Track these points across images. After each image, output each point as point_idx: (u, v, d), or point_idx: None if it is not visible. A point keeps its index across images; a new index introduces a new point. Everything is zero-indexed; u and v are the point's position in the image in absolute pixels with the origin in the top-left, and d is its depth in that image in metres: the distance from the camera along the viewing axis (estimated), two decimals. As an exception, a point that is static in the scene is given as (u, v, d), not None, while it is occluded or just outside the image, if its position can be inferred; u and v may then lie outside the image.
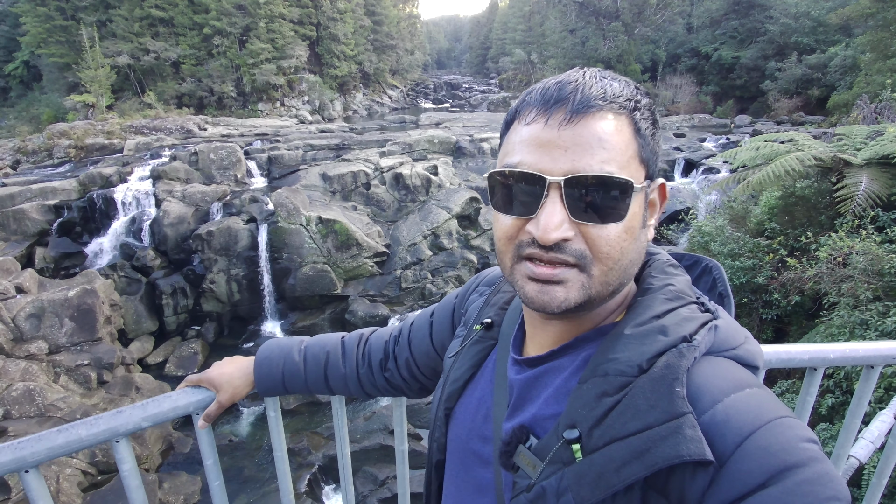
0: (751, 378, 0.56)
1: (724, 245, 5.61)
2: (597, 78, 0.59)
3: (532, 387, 0.66)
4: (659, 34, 32.03)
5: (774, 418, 0.49)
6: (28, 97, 32.53)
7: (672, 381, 0.52)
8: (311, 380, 1.05)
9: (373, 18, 40.46)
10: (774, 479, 0.45)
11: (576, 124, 0.55)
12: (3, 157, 16.90)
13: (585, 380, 0.58)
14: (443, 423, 0.79)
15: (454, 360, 0.81)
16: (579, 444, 0.54)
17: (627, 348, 0.56)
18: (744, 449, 0.48)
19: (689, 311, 0.59)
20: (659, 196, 0.63)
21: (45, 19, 25.71)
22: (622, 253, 0.57)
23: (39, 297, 8.75)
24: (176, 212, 12.28)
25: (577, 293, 0.57)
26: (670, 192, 11.80)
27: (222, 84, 27.58)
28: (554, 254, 0.57)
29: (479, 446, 0.72)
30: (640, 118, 0.57)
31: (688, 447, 0.48)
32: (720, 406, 0.51)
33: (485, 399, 0.74)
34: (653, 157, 0.60)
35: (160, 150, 15.82)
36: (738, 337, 0.60)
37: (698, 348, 0.55)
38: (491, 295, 0.85)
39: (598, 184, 0.54)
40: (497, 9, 62.98)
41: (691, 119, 24.15)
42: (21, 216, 12.03)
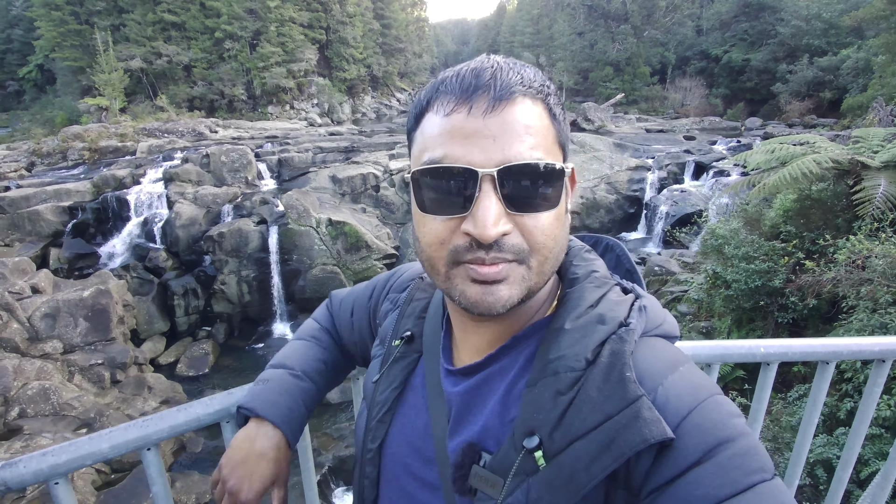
0: (680, 355, 0.57)
1: (739, 248, 5.56)
2: (510, 64, 0.55)
3: (474, 397, 0.62)
4: (668, 37, 31.94)
5: (707, 397, 0.51)
6: (42, 100, 33.04)
7: (621, 367, 0.52)
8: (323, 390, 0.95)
9: (381, 22, 40.70)
10: (709, 454, 0.47)
11: (501, 111, 0.51)
12: (18, 159, 17.15)
13: (534, 382, 0.55)
14: (375, 454, 0.71)
15: (377, 385, 0.74)
16: (541, 450, 0.52)
17: (571, 343, 0.54)
18: (682, 427, 0.49)
19: (616, 295, 0.59)
20: (570, 181, 0.59)
21: (60, 23, 26.13)
22: (555, 241, 0.55)
23: (54, 297, 8.86)
24: (188, 213, 12.40)
25: (518, 288, 0.54)
26: (681, 195, 11.74)
27: (233, 87, 27.85)
28: (495, 253, 0.53)
29: (422, 469, 0.65)
30: (553, 103, 0.56)
31: (650, 429, 0.48)
32: (661, 388, 0.52)
33: (420, 416, 0.68)
34: (566, 140, 0.58)
35: (172, 152, 15.99)
36: (661, 313, 0.62)
37: (636, 331, 0.55)
38: (405, 306, 0.79)
39: (532, 172, 0.52)
40: (505, 12, 63.07)
41: (701, 122, 24.03)
42: (36, 217, 12.20)
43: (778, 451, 3.73)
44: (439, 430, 0.64)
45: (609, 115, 22.84)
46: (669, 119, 25.99)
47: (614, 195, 15.65)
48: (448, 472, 0.60)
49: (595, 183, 16.00)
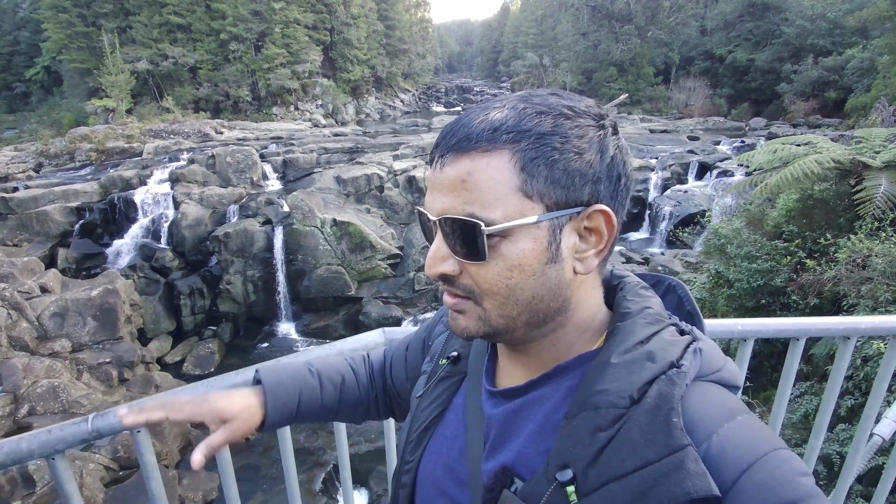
0: (739, 404, 0.55)
1: (742, 247, 5.60)
2: (486, 111, 0.56)
3: (512, 421, 0.62)
4: (672, 37, 31.89)
5: (769, 451, 0.48)
6: (49, 102, 33.33)
7: (668, 411, 0.50)
8: (325, 406, 0.91)
9: (385, 23, 40.82)
10: None
11: (447, 167, 0.55)
12: (26, 160, 17.34)
13: (574, 414, 0.54)
14: (413, 468, 0.72)
15: (420, 401, 0.76)
16: (573, 485, 0.51)
17: (616, 378, 0.53)
18: (741, 485, 0.46)
19: (671, 335, 0.57)
20: (605, 224, 0.56)
21: (67, 25, 26.37)
22: (510, 289, 0.55)
23: (63, 297, 8.98)
24: (194, 214, 12.51)
25: (475, 323, 0.58)
26: (684, 195, 11.73)
27: (238, 88, 28.02)
28: (449, 287, 0.59)
29: (455, 490, 0.66)
30: (526, 148, 0.52)
31: (693, 483, 0.46)
32: (715, 438, 0.49)
33: (458, 437, 0.68)
34: (556, 187, 0.53)
35: (178, 153, 16.11)
36: (720, 359, 0.59)
37: (688, 374, 0.53)
38: None
39: (455, 225, 0.54)
40: (508, 13, 63.15)
41: (705, 122, 23.98)
42: (44, 218, 12.34)
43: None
44: (475, 451, 0.64)
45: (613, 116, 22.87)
46: (673, 119, 25.97)
47: (618, 195, 15.67)
48: (480, 492, 0.60)
49: (598, 183, 16.03)
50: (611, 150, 0.56)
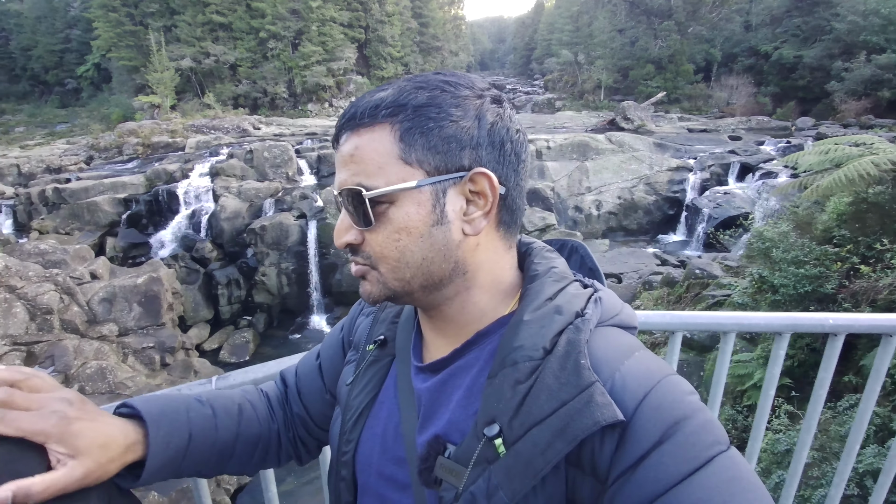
0: (635, 342, 0.60)
1: (788, 252, 5.38)
2: (374, 93, 0.60)
3: (441, 392, 0.64)
4: (714, 33, 30.82)
5: (661, 378, 0.53)
6: (98, 98, 34.96)
7: (577, 355, 0.54)
8: (219, 443, 0.74)
9: (419, 21, 40.99)
10: (668, 432, 0.49)
11: (341, 145, 0.60)
12: (78, 153, 18.25)
13: (495, 373, 0.57)
14: (350, 458, 0.71)
15: (351, 389, 0.75)
16: (501, 438, 0.54)
17: (530, 333, 0.57)
18: (640, 410, 0.51)
19: (575, 289, 0.62)
20: (489, 186, 0.59)
21: (116, 24, 27.56)
22: (401, 252, 0.59)
23: (111, 283, 9.41)
24: (232, 207, 12.90)
25: (376, 287, 0.62)
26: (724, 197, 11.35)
27: (275, 85, 28.70)
28: (353, 256, 0.63)
29: (394, 470, 0.67)
30: (402, 119, 0.57)
31: (602, 413, 0.50)
32: (618, 374, 0.53)
33: (392, 417, 0.69)
34: (434, 153, 0.57)
35: (218, 148, 16.65)
36: (617, 305, 0.64)
37: (591, 320, 0.58)
38: (378, 312, 0.81)
39: (348, 195, 0.59)
40: (543, 9, 62.34)
41: (748, 121, 23.13)
42: (94, 208, 12.98)
43: (825, 461, 3.62)
44: (409, 427, 0.66)
45: (649, 115, 22.28)
46: (713, 118, 25.13)
47: (653, 196, 15.30)
48: (415, 464, 0.62)
49: (633, 183, 15.69)
50: (489, 118, 0.59)
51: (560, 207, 15.12)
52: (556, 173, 15.85)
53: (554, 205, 14.95)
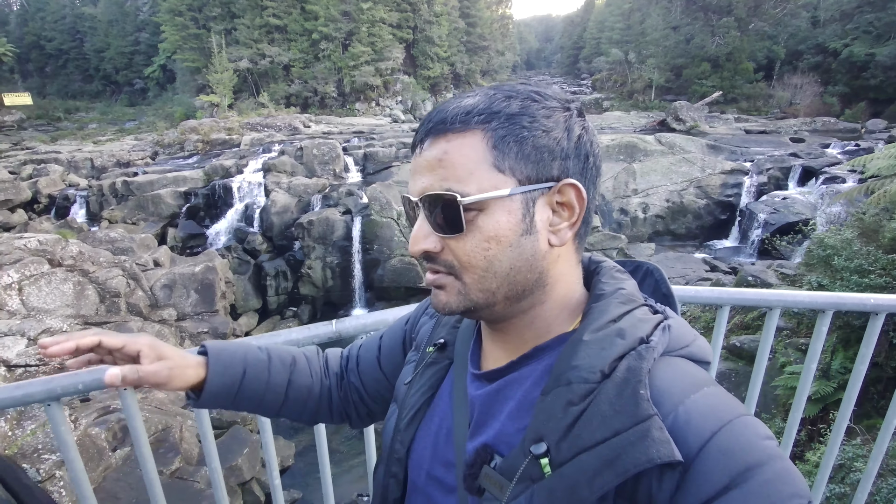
0: (706, 376, 0.57)
1: (851, 260, 5.08)
2: (460, 99, 0.61)
3: (493, 402, 0.64)
4: (778, 29, 29.17)
5: (733, 418, 0.50)
6: (163, 97, 37.16)
7: (636, 384, 0.52)
8: (272, 386, 0.86)
9: (467, 20, 41.07)
10: (737, 479, 0.46)
11: (425, 150, 0.59)
12: (145, 148, 19.51)
13: (549, 391, 0.56)
14: (403, 456, 0.73)
15: (409, 388, 0.77)
16: (547, 458, 0.53)
17: (588, 354, 0.56)
18: (707, 451, 0.48)
19: (643, 314, 0.60)
20: (576, 198, 0.60)
21: (181, 28, 29.24)
22: (489, 261, 0.58)
23: (172, 271, 10.05)
24: (282, 202, 13.44)
25: (455, 298, 0.61)
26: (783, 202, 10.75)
27: (325, 85, 29.60)
28: (431, 264, 0.62)
29: (443, 473, 0.68)
30: (496, 127, 0.57)
31: (658, 450, 0.47)
32: (682, 408, 0.50)
33: (445, 421, 0.70)
34: (527, 162, 0.58)
35: (271, 145, 17.35)
36: (689, 335, 0.61)
37: (656, 349, 0.55)
38: (441, 316, 0.82)
39: (435, 200, 0.58)
40: (593, 7, 60.94)
41: (812, 123, 21.77)
42: (158, 200, 13.86)
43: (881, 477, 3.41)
44: (460, 432, 0.66)
45: (703, 115, 21.39)
46: (774, 119, 23.82)
47: (704, 200, 14.71)
48: (462, 469, 0.63)
49: (683, 186, 15.14)
50: (577, 130, 0.60)
51: (605, 210, 14.80)
52: (602, 175, 15.51)
53: (598, 207, 14.65)
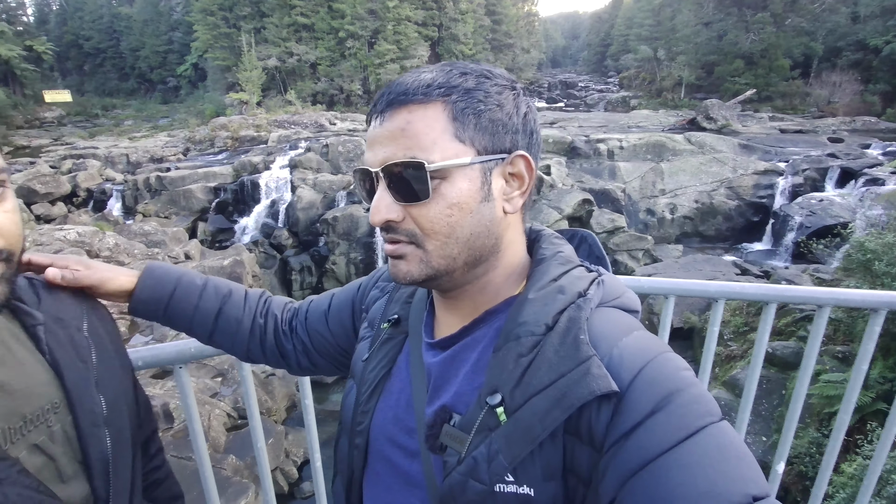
0: (636, 322, 0.63)
1: (893, 265, 4.88)
2: (417, 73, 0.63)
3: (449, 366, 0.68)
4: (815, 25, 28.11)
5: (657, 354, 0.56)
6: (194, 95, 38.16)
7: (576, 331, 0.57)
8: (201, 310, 0.93)
9: (492, 18, 40.87)
10: (661, 404, 0.51)
11: (385, 121, 0.61)
12: (177, 145, 20.06)
13: (500, 347, 0.61)
14: (366, 428, 0.76)
15: (366, 364, 0.79)
16: (502, 406, 0.57)
17: (533, 311, 0.60)
18: (635, 383, 0.53)
19: (580, 272, 0.65)
20: (526, 168, 0.64)
21: (213, 27, 29.95)
22: (451, 227, 0.61)
23: (202, 264, 10.32)
24: (307, 198, 13.65)
25: (417, 266, 0.63)
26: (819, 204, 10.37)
27: (351, 83, 29.91)
28: (391, 234, 0.63)
29: (404, 439, 0.71)
30: (456, 100, 0.60)
31: (597, 383, 0.53)
32: (615, 349, 0.56)
33: (404, 391, 0.73)
34: (484, 134, 0.61)
35: (297, 142, 17.61)
36: (620, 288, 0.67)
37: (592, 300, 0.61)
38: (393, 291, 0.85)
39: (401, 168, 0.59)
40: (621, 3, 59.86)
41: (852, 122, 20.95)
42: (189, 195, 14.25)
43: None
44: (419, 399, 0.69)
45: (735, 114, 20.79)
46: (811, 118, 22.99)
47: (735, 201, 14.30)
48: (423, 431, 0.66)
49: (713, 187, 14.75)
50: (523, 108, 0.64)
51: (630, 210, 14.53)
52: (628, 174, 15.24)
53: (624, 207, 14.39)
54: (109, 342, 0.81)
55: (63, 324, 0.75)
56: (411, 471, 0.69)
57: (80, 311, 0.79)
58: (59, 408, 0.69)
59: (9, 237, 0.61)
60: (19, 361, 0.69)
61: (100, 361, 0.76)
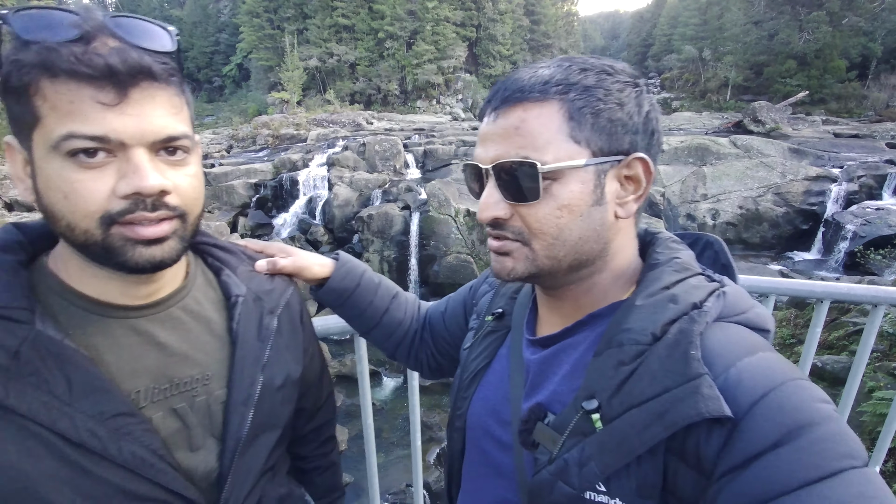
0: (763, 342, 0.56)
1: (960, 279, 4.56)
2: (534, 69, 0.61)
3: (548, 365, 0.67)
4: (874, 24, 26.58)
5: (788, 380, 0.49)
6: (238, 94, 39.50)
7: (686, 345, 0.52)
8: (373, 306, 1.01)
9: (531, 18, 40.53)
10: (788, 436, 0.45)
11: (499, 118, 0.60)
12: (221, 142, 20.82)
13: (601, 352, 0.58)
14: (463, 413, 0.79)
15: (469, 352, 0.83)
16: (598, 413, 0.55)
17: (640, 318, 0.57)
18: (758, 409, 0.47)
19: (697, 281, 0.60)
20: (643, 172, 0.61)
21: (258, 28, 30.95)
22: (560, 229, 0.59)
23: (242, 257, 10.68)
24: (344, 195, 13.90)
25: (522, 264, 0.62)
26: (876, 213, 9.83)
27: (388, 83, 30.30)
28: (498, 231, 0.63)
29: (499, 431, 0.72)
30: (574, 98, 0.58)
31: (706, 405, 0.48)
32: (733, 370, 0.51)
33: (502, 384, 0.74)
34: (601, 134, 0.58)
35: (335, 140, 17.97)
36: (746, 302, 0.60)
37: (709, 314, 0.55)
38: (500, 286, 0.87)
39: (513, 167, 0.58)
40: (665, 2, 58.19)
41: (914, 127, 19.66)
42: (231, 191, 14.76)
43: None
44: (516, 394, 0.70)
45: (785, 116, 19.87)
46: (867, 122, 21.71)
47: (783, 208, 13.67)
48: (517, 425, 0.66)
49: (759, 193, 14.14)
50: (646, 106, 0.62)
51: (669, 214, 14.12)
52: (669, 178, 14.80)
53: (663, 211, 13.99)
54: (292, 330, 0.86)
55: (260, 303, 0.80)
56: (503, 462, 0.70)
57: (279, 295, 0.85)
58: (210, 381, 0.71)
59: (186, 198, 0.64)
60: (198, 329, 0.73)
61: (276, 346, 0.79)
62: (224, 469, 0.71)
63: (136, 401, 0.64)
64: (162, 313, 0.70)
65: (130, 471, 0.61)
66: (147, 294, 0.68)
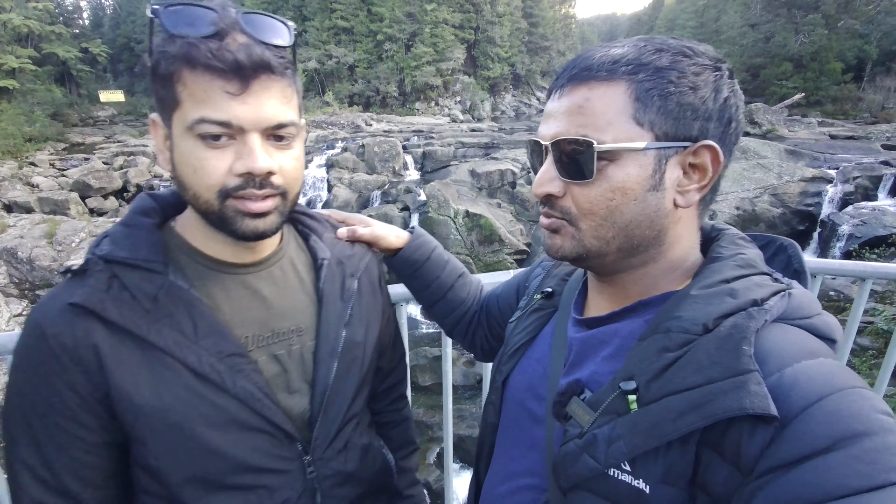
0: (826, 349, 0.52)
1: (954, 277, 4.64)
2: (608, 47, 0.60)
3: (591, 345, 0.66)
4: (870, 27, 26.77)
5: (848, 387, 0.46)
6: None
7: (739, 339, 0.50)
8: (440, 281, 1.06)
9: (529, 20, 40.71)
10: (841, 443, 0.43)
11: (564, 96, 0.60)
12: (220, 143, 20.81)
13: (646, 336, 0.57)
14: (500, 386, 0.80)
15: (514, 326, 0.84)
16: (635, 395, 0.53)
17: (693, 307, 0.55)
18: (811, 411, 0.45)
19: (761, 280, 0.57)
20: (711, 161, 0.58)
21: (260, 31, 31.01)
22: (610, 210, 0.59)
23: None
24: (343, 196, 13.94)
25: (570, 243, 0.62)
26: (871, 213, 9.91)
27: (387, 85, 30.38)
28: (548, 209, 0.63)
29: (534, 405, 0.72)
30: (643, 79, 0.56)
31: (751, 400, 0.46)
32: (789, 370, 0.48)
33: (543, 359, 0.74)
34: (668, 118, 0.56)
35: (334, 142, 17.99)
36: (813, 307, 0.56)
37: (769, 312, 0.52)
38: (553, 267, 0.87)
39: (570, 145, 0.58)
40: (662, 5, 58.44)
41: (909, 128, 19.81)
42: (231, 191, 14.78)
43: None
44: (556, 370, 0.69)
45: (782, 118, 20.01)
46: (863, 124, 21.87)
47: (780, 209, 13.77)
48: (553, 398, 0.65)
49: (756, 194, 14.24)
50: (725, 92, 0.58)
51: (668, 215, 14.21)
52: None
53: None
54: (372, 292, 0.94)
55: (343, 267, 0.89)
56: (535, 436, 0.71)
57: (358, 260, 0.94)
58: (304, 333, 0.81)
59: (288, 178, 0.71)
60: (293, 287, 0.83)
61: (357, 306, 0.88)
62: (314, 411, 0.80)
63: (245, 344, 0.75)
64: (264, 271, 0.80)
65: (242, 402, 0.71)
66: (252, 254, 0.79)
